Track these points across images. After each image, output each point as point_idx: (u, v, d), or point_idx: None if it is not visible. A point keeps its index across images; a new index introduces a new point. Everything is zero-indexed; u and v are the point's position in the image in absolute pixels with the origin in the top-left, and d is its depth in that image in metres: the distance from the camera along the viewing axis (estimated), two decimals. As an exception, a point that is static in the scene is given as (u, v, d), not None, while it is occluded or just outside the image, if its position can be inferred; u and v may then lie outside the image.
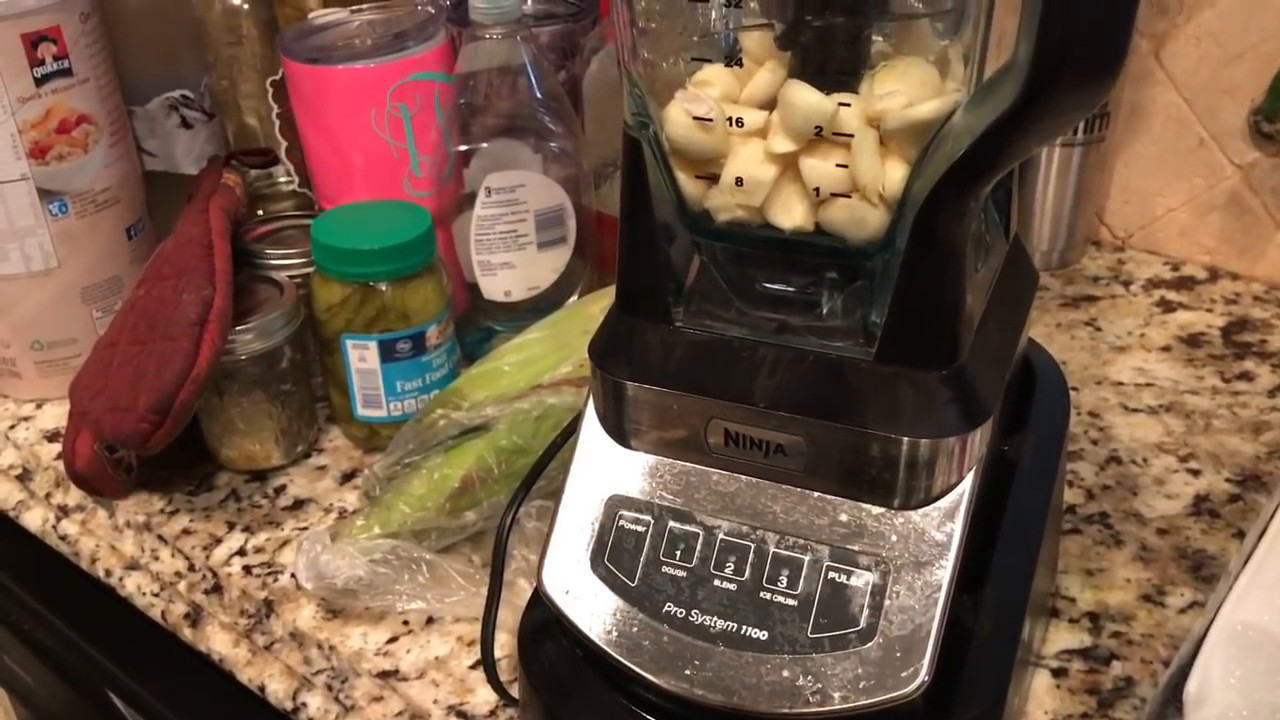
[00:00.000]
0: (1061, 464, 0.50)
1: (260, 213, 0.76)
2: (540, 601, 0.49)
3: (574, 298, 0.73)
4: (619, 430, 0.45)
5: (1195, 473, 0.63)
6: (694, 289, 0.44)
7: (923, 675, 0.40)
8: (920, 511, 0.41)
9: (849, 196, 0.39)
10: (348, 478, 0.67)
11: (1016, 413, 0.50)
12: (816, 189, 0.39)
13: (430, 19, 0.70)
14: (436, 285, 0.65)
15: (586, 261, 0.74)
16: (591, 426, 0.46)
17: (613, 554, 0.44)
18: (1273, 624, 0.59)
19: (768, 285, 0.43)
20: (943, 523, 0.41)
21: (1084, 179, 0.80)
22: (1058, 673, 0.52)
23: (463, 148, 0.68)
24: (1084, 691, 0.51)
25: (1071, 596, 0.55)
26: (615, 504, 0.45)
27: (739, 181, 0.40)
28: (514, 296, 0.72)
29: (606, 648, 0.43)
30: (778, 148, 0.39)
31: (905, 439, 0.40)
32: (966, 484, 0.41)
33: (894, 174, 0.38)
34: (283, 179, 0.84)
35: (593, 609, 0.44)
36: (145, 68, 0.79)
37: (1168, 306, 0.77)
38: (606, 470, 0.45)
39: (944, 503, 0.41)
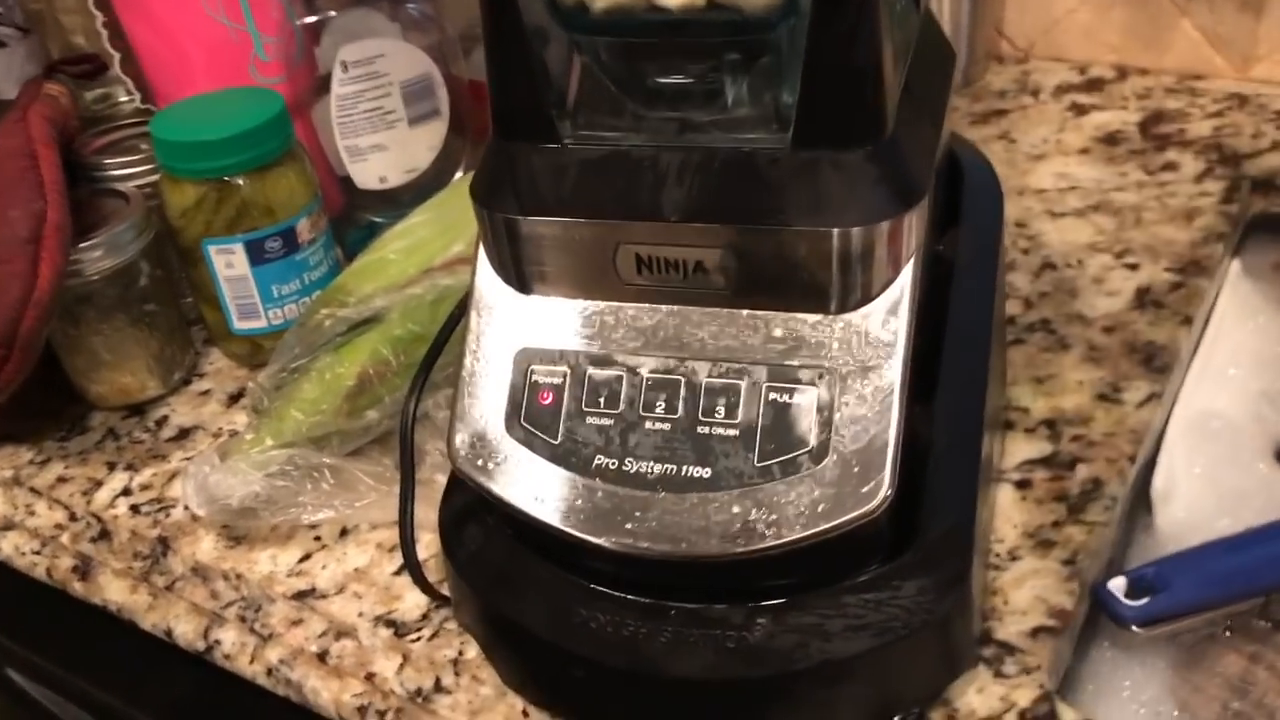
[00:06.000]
0: (1001, 260, 0.47)
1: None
2: (459, 486, 0.45)
3: (458, 175, 0.68)
4: (518, 276, 0.40)
5: (1133, 267, 0.60)
6: (580, 100, 0.39)
7: (885, 489, 0.36)
8: (860, 312, 0.37)
9: (740, -43, 0.34)
10: (235, 399, 0.61)
11: (948, 208, 0.46)
12: (702, -47, 0.34)
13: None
14: (300, 173, 0.59)
15: (466, 137, 0.68)
16: (486, 277, 0.41)
17: (529, 413, 0.39)
18: (1229, 408, 0.57)
19: (661, 80, 0.38)
20: (886, 320, 0.37)
21: (979, -12, 0.75)
22: (1021, 484, 0.49)
23: (309, 19, 0.62)
24: (1051, 500, 0.48)
25: (1024, 407, 0.52)
26: (525, 358, 0.40)
27: (612, -42, 0.35)
28: (391, 182, 0.66)
29: (537, 515, 0.39)
30: (651, -92, 0.34)
31: (835, 230, 0.35)
32: (906, 275, 0.37)
33: (787, -79, 0.33)
34: (124, 98, 0.77)
35: (515, 476, 0.39)
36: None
37: (1080, 110, 0.74)
38: (509, 323, 0.40)
39: (885, 299, 0.37)
